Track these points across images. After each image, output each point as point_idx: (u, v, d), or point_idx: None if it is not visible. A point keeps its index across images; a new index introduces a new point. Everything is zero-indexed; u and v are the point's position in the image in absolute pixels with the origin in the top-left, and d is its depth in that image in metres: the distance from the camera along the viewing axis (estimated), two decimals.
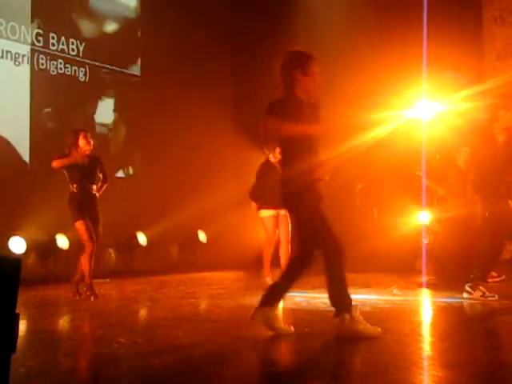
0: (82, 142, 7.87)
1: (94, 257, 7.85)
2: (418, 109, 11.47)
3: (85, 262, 7.77)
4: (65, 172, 7.88)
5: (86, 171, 7.86)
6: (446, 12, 11.32)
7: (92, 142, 7.99)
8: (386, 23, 11.62)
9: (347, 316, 5.05)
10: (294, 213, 5.30)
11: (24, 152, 10.43)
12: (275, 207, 8.66)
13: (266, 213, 8.88)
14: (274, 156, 8.86)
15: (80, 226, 7.75)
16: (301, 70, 5.09)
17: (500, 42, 12.18)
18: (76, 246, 10.36)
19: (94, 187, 7.96)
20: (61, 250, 10.34)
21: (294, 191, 5.08)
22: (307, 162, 5.06)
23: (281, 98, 5.16)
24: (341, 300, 5.19)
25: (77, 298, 7.80)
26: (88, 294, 7.78)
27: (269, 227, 8.91)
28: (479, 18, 12.33)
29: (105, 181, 8.15)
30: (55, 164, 7.79)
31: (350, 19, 12.11)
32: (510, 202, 6.93)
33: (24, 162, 10.41)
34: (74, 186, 7.83)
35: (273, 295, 5.30)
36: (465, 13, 11.71)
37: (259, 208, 8.96)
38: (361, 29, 11.81)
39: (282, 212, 8.58)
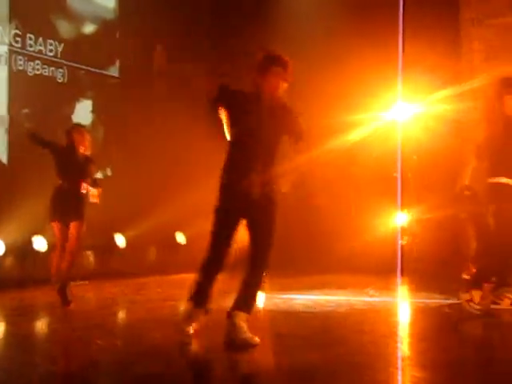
0: (77, 136, 7.57)
1: (69, 260, 7.44)
2: (395, 111, 11.55)
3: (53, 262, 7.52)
4: (55, 165, 7.55)
5: (78, 167, 7.55)
6: (423, 14, 11.37)
7: (88, 138, 7.71)
8: (362, 24, 11.64)
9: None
10: None
11: (1, 153, 10.35)
12: None
13: None
14: None
15: (54, 228, 7.52)
16: (261, 71, 5.02)
17: (477, 44, 12.26)
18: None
19: (84, 185, 7.54)
20: (38, 252, 10.26)
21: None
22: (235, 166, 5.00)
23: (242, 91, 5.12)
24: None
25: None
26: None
27: None
28: (456, 19, 12.40)
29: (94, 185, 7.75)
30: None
31: (326, 20, 12.12)
32: None
33: (1, 163, 10.33)
34: (65, 181, 7.49)
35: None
36: (442, 15, 11.76)
37: None
38: (337, 30, 11.83)
39: None
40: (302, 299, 7.44)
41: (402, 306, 7.61)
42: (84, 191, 7.54)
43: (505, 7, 12.01)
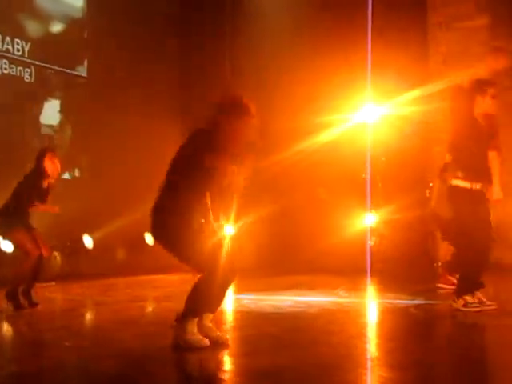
0: (48, 164, 7.39)
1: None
2: (364, 112, 11.61)
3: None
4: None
5: (42, 195, 7.44)
6: (392, 17, 11.46)
7: (59, 165, 7.54)
8: (332, 27, 11.71)
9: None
10: None
11: None
12: None
13: None
14: None
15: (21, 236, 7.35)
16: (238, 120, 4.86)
17: (444, 47, 12.37)
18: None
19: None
20: (5, 254, 10.14)
21: None
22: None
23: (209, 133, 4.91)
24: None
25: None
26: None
27: None
28: (424, 23, 12.51)
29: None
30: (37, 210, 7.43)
31: (295, 23, 12.16)
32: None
33: None
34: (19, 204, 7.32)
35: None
36: (410, 18, 11.87)
37: None
38: (306, 32, 11.89)
39: None
40: (272, 300, 7.43)
41: (371, 307, 7.63)
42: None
43: (471, 11, 12.15)
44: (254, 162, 4.97)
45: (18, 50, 10.98)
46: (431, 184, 9.57)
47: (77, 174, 12.02)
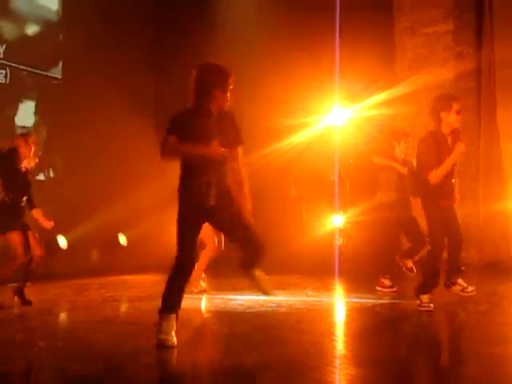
0: (23, 149, 7.32)
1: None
2: (332, 115, 11.69)
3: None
4: None
5: (22, 182, 7.37)
6: (359, 22, 11.54)
7: (34, 149, 7.42)
8: (301, 32, 11.78)
9: None
10: None
11: None
12: None
13: None
14: None
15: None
16: (219, 87, 4.98)
17: (410, 52, 12.49)
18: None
19: (25, 199, 7.41)
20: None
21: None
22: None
23: (187, 111, 5.03)
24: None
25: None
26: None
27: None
28: (391, 28, 12.63)
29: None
30: None
31: (267, 26, 12.19)
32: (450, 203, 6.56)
33: None
34: (8, 196, 7.29)
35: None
36: (377, 23, 11.96)
37: None
38: (276, 37, 11.92)
39: None
40: (242, 299, 7.47)
41: (339, 306, 7.71)
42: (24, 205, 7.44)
43: (437, 17, 12.28)
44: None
45: None
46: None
47: (51, 174, 11.95)
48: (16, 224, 7.33)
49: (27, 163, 7.46)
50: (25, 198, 7.44)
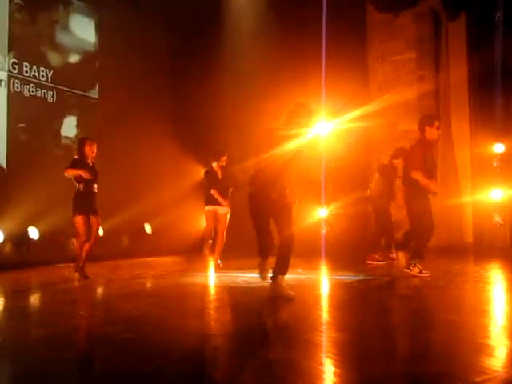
0: (87, 149, 7.48)
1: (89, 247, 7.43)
2: (318, 127, 11.67)
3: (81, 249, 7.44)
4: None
5: (90, 173, 7.39)
6: (340, 52, 11.54)
7: (95, 150, 7.56)
8: (295, 61, 11.80)
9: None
10: None
11: (2, 159, 10.12)
12: (214, 204, 8.66)
13: (207, 208, 8.81)
14: (220, 162, 8.76)
15: (78, 220, 7.33)
16: None
17: (381, 76, 12.49)
18: (46, 236, 10.09)
19: (95, 186, 7.50)
20: (32, 240, 10.04)
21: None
22: None
23: None
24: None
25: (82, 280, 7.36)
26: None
27: (207, 218, 8.84)
28: (365, 57, 12.63)
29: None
30: (67, 173, 7.27)
31: (264, 51, 12.09)
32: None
33: (2, 167, 10.10)
34: (81, 185, 7.35)
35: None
36: (354, 53, 11.98)
37: (205, 204, 8.86)
38: (275, 64, 11.90)
39: (221, 210, 8.61)
40: (245, 277, 7.46)
41: (324, 282, 7.68)
42: (96, 191, 7.52)
43: (402, 47, 12.29)
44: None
45: (43, 76, 10.88)
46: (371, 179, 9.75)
47: None
48: (89, 208, 7.38)
49: (92, 159, 7.57)
50: (95, 186, 7.51)
